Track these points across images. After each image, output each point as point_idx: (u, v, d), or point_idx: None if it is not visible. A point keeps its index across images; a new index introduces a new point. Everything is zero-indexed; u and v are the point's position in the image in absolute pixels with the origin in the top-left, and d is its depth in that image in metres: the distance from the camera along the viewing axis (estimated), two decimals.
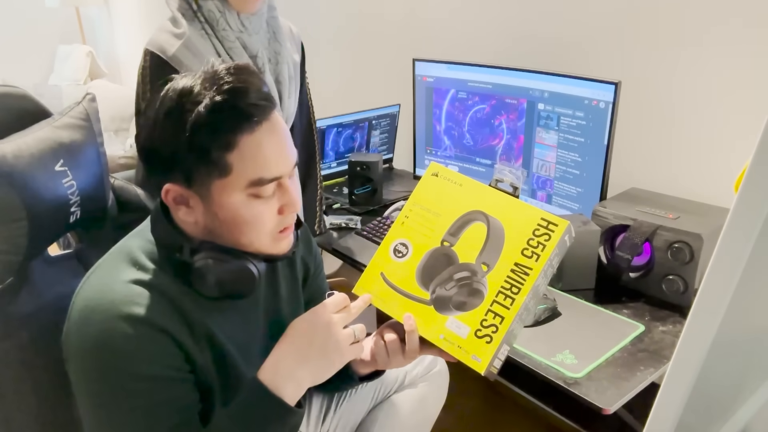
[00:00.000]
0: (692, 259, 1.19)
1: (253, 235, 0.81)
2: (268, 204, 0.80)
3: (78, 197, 0.93)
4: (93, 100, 1.02)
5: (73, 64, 4.06)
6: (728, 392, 0.66)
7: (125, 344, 0.74)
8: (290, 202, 0.82)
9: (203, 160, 0.75)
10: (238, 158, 0.76)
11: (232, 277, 0.80)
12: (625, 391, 1.02)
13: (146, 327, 0.75)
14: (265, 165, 0.77)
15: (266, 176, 0.78)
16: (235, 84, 0.75)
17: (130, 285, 0.78)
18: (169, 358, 0.78)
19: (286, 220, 0.83)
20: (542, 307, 1.22)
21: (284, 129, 0.81)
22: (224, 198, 0.78)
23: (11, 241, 0.84)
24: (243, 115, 0.75)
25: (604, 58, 1.60)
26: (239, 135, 0.75)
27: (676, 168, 1.51)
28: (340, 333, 0.80)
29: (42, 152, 0.88)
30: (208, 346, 0.83)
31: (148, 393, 0.76)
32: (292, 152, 0.82)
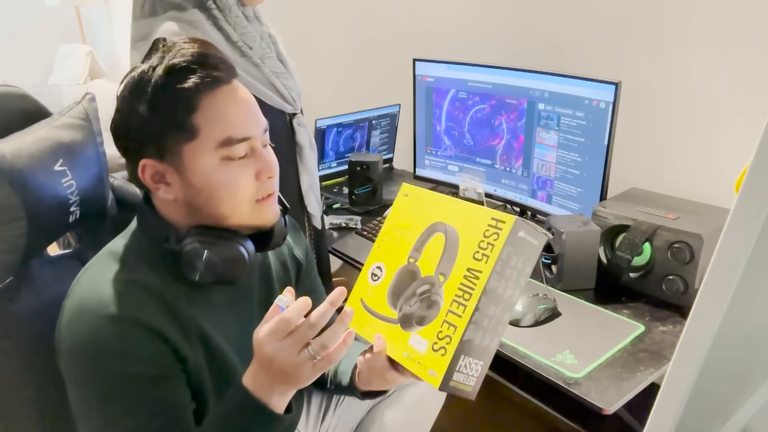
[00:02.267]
0: (692, 259, 1.19)
1: (232, 201, 0.80)
2: (243, 168, 0.80)
3: (77, 197, 0.93)
4: (92, 100, 1.02)
5: (73, 63, 4.06)
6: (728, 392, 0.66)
7: (114, 344, 0.74)
8: (265, 166, 0.82)
9: (169, 124, 0.77)
10: (204, 119, 0.77)
11: (222, 259, 0.80)
12: (625, 391, 1.02)
13: (135, 326, 0.75)
14: (232, 124, 0.78)
15: (234, 135, 0.78)
16: (192, 49, 0.78)
17: (119, 284, 0.78)
18: (159, 356, 0.77)
19: (265, 186, 0.83)
20: (542, 307, 1.22)
21: (248, 97, 0.82)
22: (197, 163, 0.78)
23: (10, 241, 0.84)
24: (201, 76, 0.77)
25: (604, 58, 1.60)
26: (200, 95, 0.77)
27: (676, 168, 1.51)
28: (293, 358, 0.72)
29: (41, 152, 0.88)
30: (200, 343, 0.83)
31: (139, 392, 0.76)
32: (259, 118, 0.83)
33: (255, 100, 0.84)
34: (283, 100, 1.27)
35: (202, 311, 0.84)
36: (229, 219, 0.82)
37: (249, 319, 0.92)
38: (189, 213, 0.82)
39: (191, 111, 0.77)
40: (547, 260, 1.38)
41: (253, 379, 0.76)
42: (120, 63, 4.59)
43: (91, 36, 4.47)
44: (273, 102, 1.25)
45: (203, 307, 0.84)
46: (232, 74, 0.81)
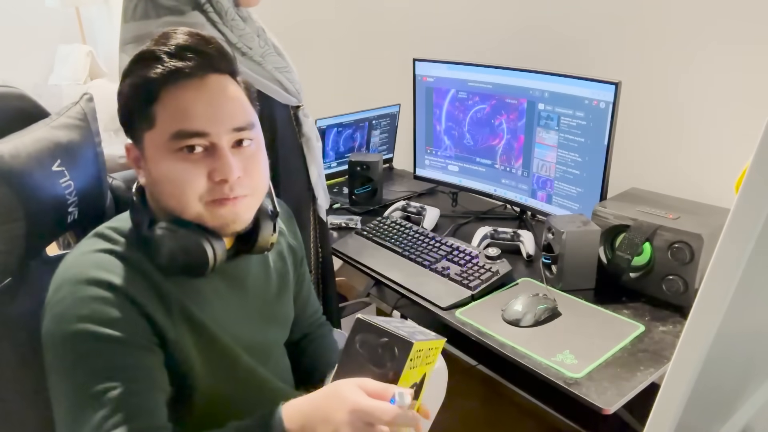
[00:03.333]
0: (692, 259, 1.19)
1: (180, 198, 0.78)
2: (196, 165, 0.78)
3: (75, 197, 0.93)
4: (90, 100, 1.02)
5: (73, 64, 4.06)
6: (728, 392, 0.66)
7: (88, 304, 0.74)
8: (220, 167, 0.77)
9: (134, 111, 0.79)
10: (162, 109, 0.77)
11: (184, 251, 0.78)
12: (625, 391, 1.02)
13: (110, 290, 0.75)
14: (186, 116, 0.76)
15: (186, 128, 0.76)
16: (177, 40, 0.78)
17: (98, 254, 0.78)
18: (135, 325, 0.76)
19: (219, 189, 0.79)
20: (542, 307, 1.21)
21: (222, 94, 0.79)
22: (153, 152, 0.78)
23: (9, 242, 0.84)
24: (166, 67, 0.76)
25: (604, 58, 1.59)
26: (161, 86, 0.76)
27: (676, 168, 1.51)
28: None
29: (39, 152, 0.88)
30: (186, 323, 0.82)
31: (111, 355, 0.74)
32: (232, 115, 0.79)
33: (239, 99, 0.82)
34: (287, 93, 1.28)
35: (189, 295, 0.83)
36: (183, 214, 0.80)
37: (243, 310, 0.92)
38: (153, 201, 0.83)
39: (151, 101, 0.77)
40: (547, 260, 1.38)
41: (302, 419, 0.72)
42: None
43: (91, 36, 4.47)
44: (279, 96, 1.26)
45: (190, 292, 0.83)
46: (211, 68, 0.79)
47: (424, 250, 1.49)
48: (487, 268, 1.37)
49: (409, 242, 1.54)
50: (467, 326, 1.22)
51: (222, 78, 0.80)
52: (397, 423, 0.67)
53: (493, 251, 1.41)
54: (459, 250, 1.46)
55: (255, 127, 0.83)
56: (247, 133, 0.81)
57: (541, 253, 1.41)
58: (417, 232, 1.58)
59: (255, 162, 0.83)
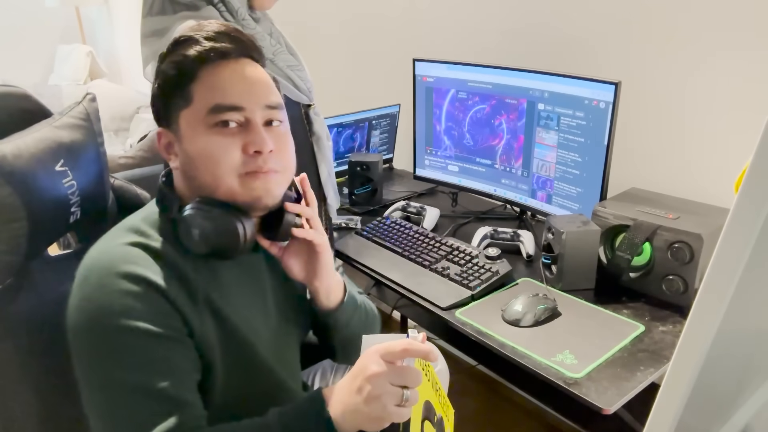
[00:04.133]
0: (692, 259, 1.19)
1: (216, 171, 0.81)
2: (232, 139, 0.81)
3: (78, 197, 0.93)
4: (93, 100, 1.02)
5: (73, 64, 4.07)
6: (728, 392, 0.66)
7: (120, 299, 0.75)
8: (254, 140, 0.81)
9: (171, 92, 0.83)
10: (200, 87, 0.81)
11: (216, 230, 0.80)
12: (625, 391, 1.02)
13: (142, 284, 0.76)
14: (223, 92, 0.81)
15: (223, 102, 0.80)
16: (212, 27, 0.83)
17: (128, 247, 0.80)
18: (165, 316, 0.77)
19: (253, 161, 0.82)
20: (542, 307, 1.22)
21: (258, 76, 0.85)
22: (190, 129, 0.82)
23: (11, 242, 0.84)
24: (205, 48, 0.81)
25: (604, 58, 1.60)
26: (200, 65, 0.81)
27: (676, 168, 1.52)
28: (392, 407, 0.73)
29: (42, 152, 0.88)
30: (210, 313, 0.83)
31: (140, 348, 0.75)
32: (265, 94, 0.84)
33: (270, 82, 0.86)
34: (299, 91, 1.30)
35: (211, 284, 0.84)
36: (217, 190, 0.82)
37: (260, 303, 0.93)
38: (190, 184, 0.85)
39: (190, 80, 0.81)
40: (547, 260, 1.38)
41: (342, 414, 0.75)
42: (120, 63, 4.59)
43: (91, 36, 4.48)
44: (291, 93, 1.28)
45: (212, 281, 0.85)
46: (244, 53, 0.84)
47: (424, 250, 1.49)
48: (487, 268, 1.37)
49: (409, 242, 1.54)
50: (467, 326, 1.22)
51: (255, 65, 0.86)
52: (411, 351, 0.73)
53: (493, 251, 1.41)
54: (459, 250, 1.46)
55: (284, 109, 0.88)
56: (277, 113, 0.86)
57: (541, 253, 1.41)
58: (417, 232, 1.58)
59: (285, 141, 0.87)
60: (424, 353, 0.75)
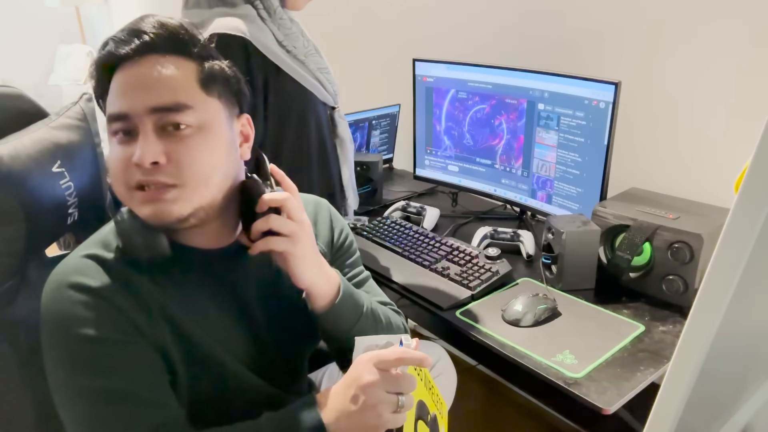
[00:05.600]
0: (692, 259, 1.19)
1: (114, 184, 0.77)
2: (123, 149, 0.75)
3: (76, 198, 0.93)
4: (90, 100, 1.02)
5: (73, 64, 4.07)
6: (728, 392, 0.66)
7: (71, 308, 0.74)
8: (133, 151, 0.73)
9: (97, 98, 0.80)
10: (108, 96, 0.77)
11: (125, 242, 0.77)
12: (625, 391, 1.02)
13: (91, 295, 0.75)
14: (113, 100, 0.76)
15: (112, 111, 0.75)
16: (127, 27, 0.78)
17: (83, 259, 0.78)
18: (117, 323, 0.75)
19: (137, 173, 0.74)
20: (542, 307, 1.21)
21: (157, 72, 0.75)
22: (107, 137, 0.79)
23: (8, 243, 0.84)
24: (112, 55, 0.76)
25: (604, 58, 1.59)
26: (111, 74, 0.77)
27: (676, 168, 1.51)
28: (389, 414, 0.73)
29: (39, 153, 0.88)
30: (168, 327, 0.79)
31: (104, 356, 0.74)
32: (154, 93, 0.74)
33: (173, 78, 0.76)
34: (327, 92, 1.31)
35: (171, 297, 0.80)
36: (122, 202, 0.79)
37: (236, 312, 0.87)
38: None
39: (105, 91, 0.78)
40: (547, 260, 1.38)
41: (336, 420, 0.73)
42: None
43: (91, 36, 4.48)
44: (321, 95, 1.29)
45: (171, 290, 0.80)
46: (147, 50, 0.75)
47: (424, 250, 1.49)
48: (487, 268, 1.37)
49: (409, 242, 1.54)
50: (467, 326, 1.22)
51: (162, 59, 0.75)
52: (405, 360, 0.73)
53: (493, 251, 1.41)
54: (459, 250, 1.46)
55: (193, 109, 0.75)
56: (178, 115, 0.74)
57: (541, 253, 1.41)
58: (417, 232, 1.58)
59: (189, 149, 0.75)
60: (419, 360, 0.74)
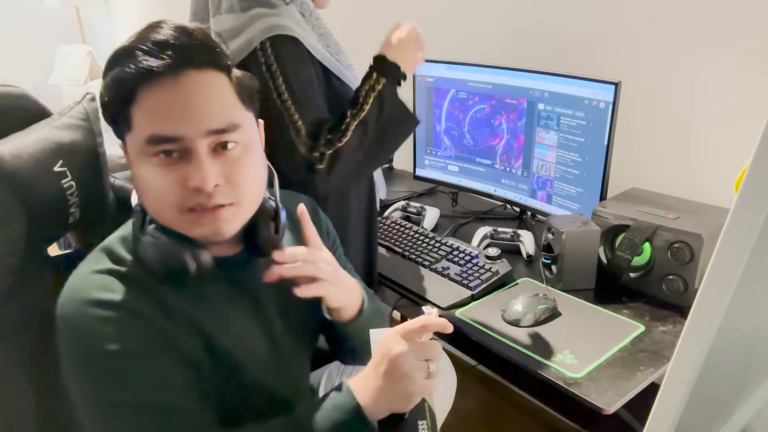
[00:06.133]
0: (692, 259, 1.19)
1: (156, 205, 0.75)
2: (171, 171, 0.72)
3: (77, 198, 0.93)
4: (92, 100, 1.02)
5: (73, 63, 4.06)
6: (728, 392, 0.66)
7: (100, 326, 0.72)
8: (193, 174, 0.71)
9: (112, 112, 0.74)
10: (139, 111, 0.72)
11: (164, 260, 0.75)
12: (625, 391, 1.02)
13: (119, 310, 0.73)
14: (159, 120, 0.71)
15: (159, 133, 0.71)
16: (150, 34, 0.72)
17: (101, 275, 0.76)
18: (145, 335, 0.74)
19: (195, 197, 0.73)
20: (542, 307, 1.22)
21: (204, 91, 0.73)
22: (133, 157, 0.75)
23: (10, 243, 0.84)
24: (141, 65, 0.70)
25: (604, 58, 1.59)
26: (139, 86, 0.71)
27: (676, 168, 1.51)
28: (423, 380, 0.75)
29: (41, 153, 0.88)
30: (195, 334, 0.79)
31: (134, 368, 0.73)
32: (209, 115, 0.72)
33: (221, 97, 0.75)
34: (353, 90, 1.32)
35: (195, 303, 0.80)
36: (162, 222, 0.76)
37: (253, 315, 0.88)
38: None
39: (128, 102, 0.72)
40: (547, 260, 1.38)
41: (372, 399, 0.75)
42: None
43: (91, 36, 4.47)
44: (352, 91, 1.30)
45: (196, 300, 0.80)
46: (187, 65, 0.72)
47: (424, 250, 1.49)
48: (487, 268, 1.37)
49: (409, 242, 1.54)
50: (467, 326, 1.22)
51: (202, 74, 0.73)
52: (430, 326, 0.77)
53: (493, 251, 1.41)
54: (459, 250, 1.46)
55: (241, 128, 0.76)
56: (229, 135, 0.74)
57: (541, 253, 1.41)
58: (417, 232, 1.58)
59: (241, 167, 0.76)
60: (442, 326, 0.78)
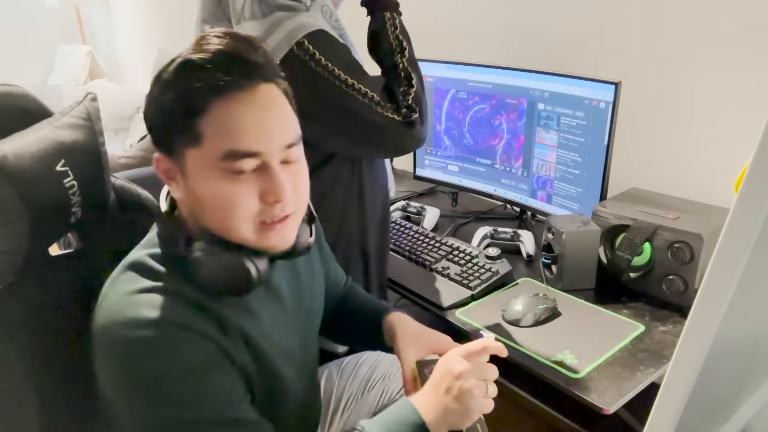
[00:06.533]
0: (692, 259, 1.19)
1: (230, 220, 0.74)
2: (247, 186, 0.73)
3: (79, 197, 0.93)
4: (94, 100, 1.02)
5: (73, 63, 4.06)
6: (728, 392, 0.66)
7: (157, 347, 0.71)
8: (272, 188, 0.73)
9: (174, 123, 0.72)
10: (210, 125, 0.71)
11: (226, 273, 0.75)
12: (625, 391, 1.02)
13: (174, 328, 0.72)
14: (239, 136, 0.71)
15: (239, 148, 0.71)
16: (217, 45, 0.71)
17: (146, 293, 0.73)
18: (206, 353, 0.74)
19: (271, 210, 0.75)
20: (542, 307, 1.22)
21: (273, 106, 0.74)
22: (199, 172, 0.73)
23: (12, 242, 0.84)
24: (215, 77, 0.69)
25: (604, 58, 1.60)
26: (210, 98, 0.70)
27: (676, 168, 1.52)
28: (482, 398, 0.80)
29: (43, 152, 0.88)
30: (243, 343, 0.79)
31: (194, 386, 0.72)
32: (283, 130, 0.75)
33: (289, 111, 0.77)
34: None
35: (241, 314, 0.80)
36: (231, 236, 0.76)
37: (283, 320, 0.89)
38: (194, 218, 0.78)
39: (197, 114, 0.71)
40: (547, 260, 1.38)
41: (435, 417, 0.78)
42: (120, 63, 4.59)
43: (91, 36, 4.48)
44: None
45: (241, 311, 0.80)
46: (259, 78, 0.73)
47: (424, 250, 1.49)
48: (487, 268, 1.38)
49: (409, 242, 1.54)
50: (467, 326, 1.22)
51: (270, 87, 0.75)
52: (489, 349, 0.82)
53: (493, 251, 1.41)
54: (459, 250, 1.46)
55: (301, 140, 0.78)
56: (296, 149, 0.77)
57: (541, 253, 1.41)
58: (417, 232, 1.59)
59: (301, 177, 0.79)
60: (499, 350, 0.83)
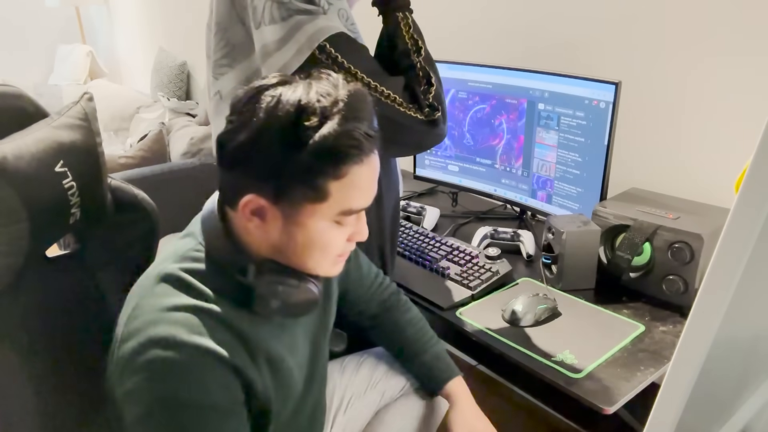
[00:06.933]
0: (692, 259, 1.19)
1: (321, 259, 0.81)
2: (344, 230, 0.81)
3: (78, 198, 0.93)
4: (90, 100, 1.02)
5: (73, 63, 4.07)
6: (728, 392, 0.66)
7: (187, 374, 0.72)
8: (360, 230, 0.83)
9: (306, 183, 0.73)
10: (339, 187, 0.75)
11: (297, 300, 0.81)
12: (625, 391, 1.02)
13: (207, 357, 0.73)
14: (359, 197, 0.78)
15: (356, 207, 0.79)
16: (355, 113, 0.74)
17: (186, 313, 0.74)
18: (228, 389, 0.76)
19: (349, 246, 0.84)
20: (542, 307, 1.22)
21: (378, 165, 0.80)
22: (310, 221, 0.77)
23: (11, 243, 0.84)
24: (359, 147, 0.74)
25: (604, 58, 1.60)
26: (351, 166, 0.74)
27: (676, 168, 1.51)
28: None
29: (42, 153, 0.88)
30: (267, 366, 0.83)
31: (206, 424, 0.73)
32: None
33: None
34: None
35: (272, 332, 0.84)
36: (309, 270, 0.82)
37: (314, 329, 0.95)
38: (271, 251, 0.80)
39: (336, 179, 0.74)
40: (547, 260, 1.38)
41: None
42: (120, 63, 4.59)
43: (91, 36, 4.48)
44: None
45: (272, 328, 0.85)
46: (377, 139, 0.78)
47: (424, 250, 1.49)
48: (487, 268, 1.37)
49: (409, 242, 1.54)
50: (467, 326, 1.22)
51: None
52: None
53: (493, 251, 1.41)
54: (459, 250, 1.46)
55: None
56: None
57: (541, 253, 1.41)
58: (417, 232, 1.58)
59: None
60: None
